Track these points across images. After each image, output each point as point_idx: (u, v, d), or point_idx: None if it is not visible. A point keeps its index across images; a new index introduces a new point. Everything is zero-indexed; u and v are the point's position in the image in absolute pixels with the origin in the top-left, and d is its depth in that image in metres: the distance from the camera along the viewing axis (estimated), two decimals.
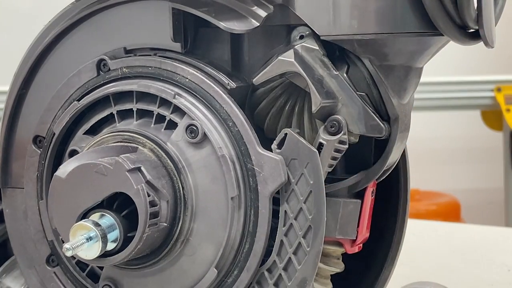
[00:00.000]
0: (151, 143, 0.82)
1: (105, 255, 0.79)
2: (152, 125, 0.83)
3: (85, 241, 0.76)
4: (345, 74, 0.81)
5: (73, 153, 0.86)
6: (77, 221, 0.79)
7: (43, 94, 0.90)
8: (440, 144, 3.54)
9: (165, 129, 0.82)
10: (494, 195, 3.34)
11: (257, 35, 0.83)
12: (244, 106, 0.84)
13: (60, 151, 0.88)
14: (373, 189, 0.87)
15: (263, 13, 0.81)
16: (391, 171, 0.88)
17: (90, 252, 0.77)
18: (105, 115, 0.85)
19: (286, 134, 0.80)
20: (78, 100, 0.86)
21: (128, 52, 0.86)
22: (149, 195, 0.78)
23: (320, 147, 0.81)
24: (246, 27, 0.81)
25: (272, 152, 0.80)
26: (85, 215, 0.79)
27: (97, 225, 0.77)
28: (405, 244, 0.95)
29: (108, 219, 0.78)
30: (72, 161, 0.81)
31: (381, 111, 0.82)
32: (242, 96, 0.84)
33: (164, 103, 0.82)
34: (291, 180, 0.80)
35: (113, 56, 0.86)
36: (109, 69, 0.86)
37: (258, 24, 0.81)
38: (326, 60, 0.81)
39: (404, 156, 0.93)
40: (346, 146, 0.81)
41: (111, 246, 0.78)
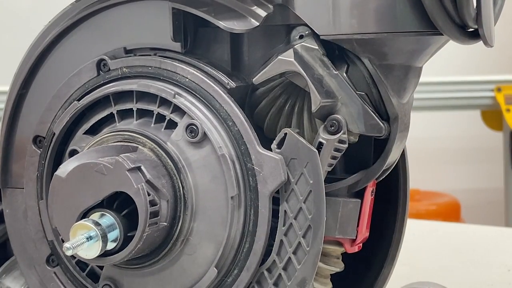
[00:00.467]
0: (151, 143, 0.82)
1: (105, 254, 0.79)
2: (152, 124, 0.83)
3: (85, 241, 0.77)
4: (344, 74, 0.81)
5: (73, 153, 0.86)
6: (77, 221, 0.79)
7: (43, 94, 0.90)
8: (440, 144, 3.54)
9: (165, 128, 0.82)
10: (494, 195, 3.34)
11: (257, 34, 0.84)
12: (244, 105, 0.84)
13: (60, 151, 0.88)
14: (373, 189, 0.87)
15: (262, 13, 0.81)
16: (391, 170, 0.88)
17: (90, 251, 0.77)
18: (105, 115, 0.85)
19: (285, 134, 0.80)
20: (78, 100, 0.86)
21: (128, 52, 0.86)
22: (149, 195, 0.78)
23: (320, 146, 0.81)
24: (246, 27, 0.81)
25: (271, 151, 0.80)
26: (85, 215, 0.79)
27: (97, 224, 0.77)
28: (404, 244, 0.95)
29: (108, 218, 0.78)
30: (72, 160, 0.81)
31: (381, 110, 0.82)
32: (242, 95, 0.84)
33: (164, 102, 0.82)
34: (290, 180, 0.80)
35: (113, 56, 0.86)
36: (109, 69, 0.86)
37: (258, 24, 0.81)
38: (325, 59, 0.81)
39: (403, 156, 0.93)
40: (346, 146, 0.81)
41: (111, 245, 0.78)
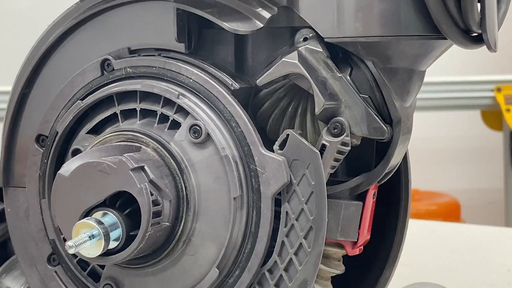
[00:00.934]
0: (155, 143, 0.82)
1: (107, 253, 0.79)
2: (156, 125, 0.83)
3: (87, 239, 0.77)
4: (348, 76, 0.81)
5: (76, 152, 0.87)
6: (79, 219, 0.79)
7: (46, 94, 0.90)
8: (440, 144, 3.54)
9: (168, 129, 0.82)
10: (494, 195, 3.34)
11: (261, 36, 0.84)
12: (248, 107, 0.84)
13: (63, 150, 0.88)
14: (375, 192, 0.87)
15: (267, 15, 0.81)
16: (393, 173, 0.88)
17: (92, 250, 0.78)
18: (109, 114, 0.85)
19: (288, 135, 0.80)
20: (82, 100, 0.86)
21: (132, 52, 0.86)
22: (152, 194, 0.78)
23: (323, 148, 0.81)
24: (250, 28, 0.81)
25: (274, 153, 0.80)
26: (87, 214, 0.79)
27: (99, 223, 0.77)
28: (405, 244, 0.95)
29: (110, 217, 0.78)
30: (75, 159, 0.81)
31: (384, 113, 0.82)
32: (246, 97, 0.84)
33: (168, 103, 0.82)
34: (292, 181, 0.80)
35: (117, 56, 0.86)
36: (113, 69, 0.86)
37: (262, 26, 0.81)
38: (329, 62, 0.81)
39: (405, 158, 0.93)
40: (349, 148, 0.81)
41: (113, 244, 0.78)
